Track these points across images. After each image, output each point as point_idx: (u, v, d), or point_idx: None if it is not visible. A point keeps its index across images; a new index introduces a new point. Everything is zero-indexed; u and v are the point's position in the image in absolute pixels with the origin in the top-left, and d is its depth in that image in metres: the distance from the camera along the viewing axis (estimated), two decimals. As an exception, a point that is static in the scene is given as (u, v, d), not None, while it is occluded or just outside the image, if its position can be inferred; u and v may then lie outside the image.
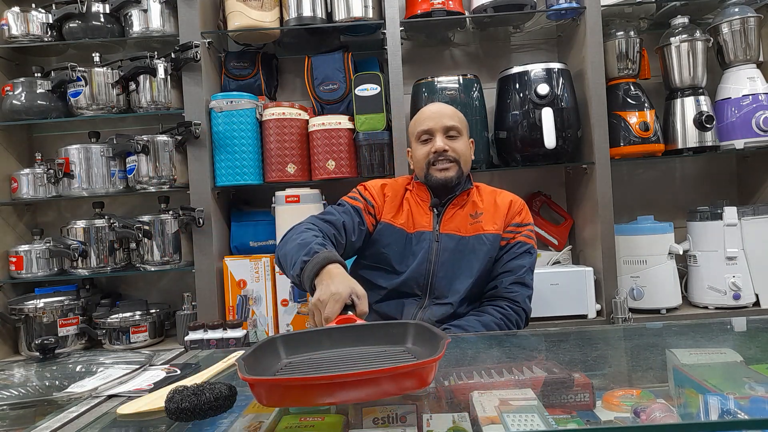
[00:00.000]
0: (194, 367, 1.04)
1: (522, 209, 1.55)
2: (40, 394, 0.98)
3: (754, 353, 1.05)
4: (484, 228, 1.49)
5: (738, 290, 2.01)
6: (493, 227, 1.49)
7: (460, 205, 1.52)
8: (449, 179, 1.48)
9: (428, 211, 1.52)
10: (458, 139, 1.51)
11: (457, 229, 1.49)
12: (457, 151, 1.49)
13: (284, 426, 0.73)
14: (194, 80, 2.08)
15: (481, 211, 1.51)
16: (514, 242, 1.49)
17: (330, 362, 0.85)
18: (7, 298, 2.16)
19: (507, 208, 1.53)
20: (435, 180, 1.49)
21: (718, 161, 2.40)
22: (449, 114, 1.52)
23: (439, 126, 1.49)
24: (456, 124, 1.50)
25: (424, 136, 1.51)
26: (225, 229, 2.22)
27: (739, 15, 2.11)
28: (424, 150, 1.50)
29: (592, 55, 2.06)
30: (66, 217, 2.37)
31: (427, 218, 1.51)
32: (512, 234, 1.50)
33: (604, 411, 0.78)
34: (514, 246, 1.49)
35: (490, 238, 1.48)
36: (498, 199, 1.55)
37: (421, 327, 0.88)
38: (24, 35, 2.16)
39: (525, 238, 1.51)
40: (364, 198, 1.55)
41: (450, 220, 1.50)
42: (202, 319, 1.95)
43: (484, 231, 1.48)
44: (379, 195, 1.56)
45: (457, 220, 1.50)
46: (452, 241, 1.48)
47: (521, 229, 1.51)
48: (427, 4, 2.07)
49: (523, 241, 1.50)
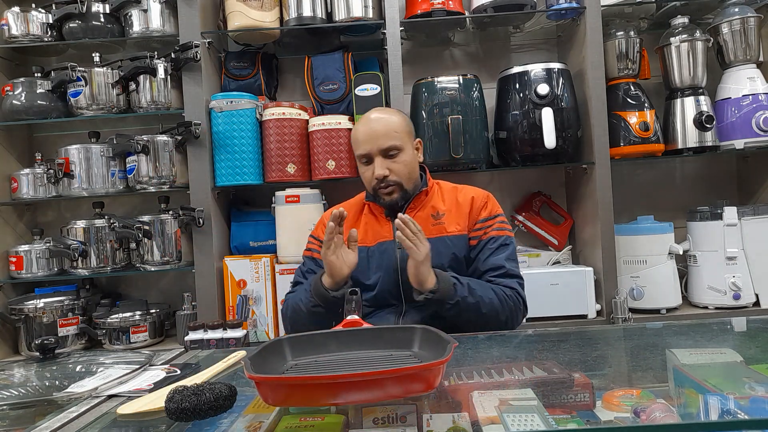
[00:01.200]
0: (194, 367, 1.04)
1: (486, 202, 1.49)
2: (40, 394, 0.98)
3: (754, 353, 1.05)
4: (447, 229, 1.44)
5: (738, 290, 2.01)
6: (457, 228, 1.45)
7: (419, 208, 1.48)
8: (395, 201, 1.44)
9: (387, 220, 1.48)
10: (398, 157, 1.43)
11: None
12: (399, 173, 1.42)
13: (284, 426, 0.73)
14: (194, 80, 2.08)
15: (443, 212, 1.47)
16: (486, 238, 1.44)
17: (336, 365, 0.85)
18: (7, 298, 2.16)
19: (469, 205, 1.47)
20: (383, 203, 1.46)
21: (718, 161, 2.40)
22: (384, 131, 1.42)
23: (376, 149, 1.41)
24: (393, 143, 1.41)
25: (363, 158, 1.45)
26: (225, 229, 2.22)
27: (739, 15, 2.11)
28: (367, 174, 1.45)
29: (592, 55, 2.06)
30: (66, 217, 2.37)
31: (388, 227, 1.47)
32: (482, 231, 1.45)
33: (604, 411, 0.78)
34: (488, 242, 1.44)
35: (453, 239, 1.43)
36: (459, 196, 1.50)
37: (427, 331, 0.88)
38: (24, 35, 2.16)
39: (497, 231, 1.45)
40: (318, 240, 1.53)
41: None
42: (202, 319, 1.95)
43: (447, 233, 1.44)
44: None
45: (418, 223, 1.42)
46: None
47: (490, 222, 1.46)
48: (427, 4, 2.07)
49: (495, 236, 1.44)
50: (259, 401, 0.81)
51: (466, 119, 2.04)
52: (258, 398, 0.82)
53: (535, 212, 2.34)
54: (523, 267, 2.17)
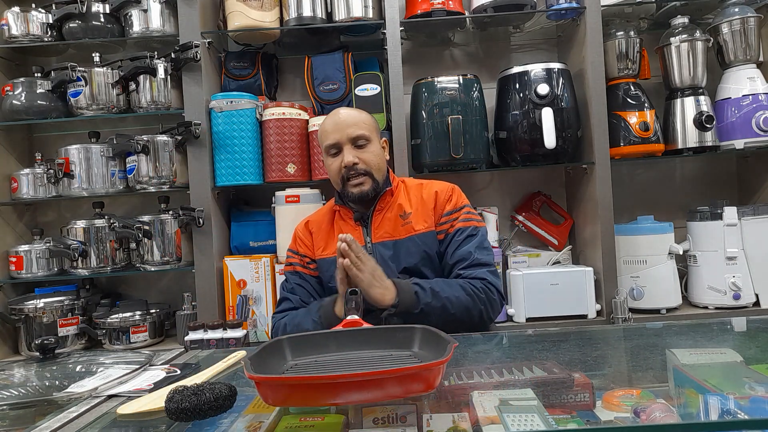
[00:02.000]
0: (194, 367, 1.04)
1: (451, 195, 1.48)
2: (40, 394, 0.98)
3: (754, 353, 1.05)
4: (414, 228, 1.44)
5: (738, 290, 2.00)
6: (424, 225, 1.44)
7: (386, 209, 1.47)
8: (365, 193, 1.43)
9: (356, 226, 1.48)
10: (367, 147, 1.44)
11: (389, 234, 1.45)
12: (368, 162, 1.43)
13: (284, 426, 0.73)
14: (194, 80, 2.08)
15: (410, 211, 1.46)
16: (453, 231, 1.44)
17: (336, 365, 0.85)
18: (7, 298, 2.16)
19: (433, 200, 1.47)
20: (352, 195, 1.44)
21: (718, 161, 2.40)
22: (353, 122, 1.44)
23: (345, 137, 1.43)
24: (363, 132, 1.43)
25: (332, 150, 1.45)
26: (225, 229, 2.22)
27: (739, 15, 2.11)
28: (335, 165, 1.45)
29: (592, 55, 2.06)
30: (66, 217, 2.37)
31: (357, 233, 1.46)
32: (448, 224, 1.45)
33: (604, 411, 0.78)
34: (455, 234, 1.43)
35: (421, 237, 1.43)
36: (424, 193, 1.49)
37: (427, 331, 0.88)
38: (24, 35, 2.16)
39: (463, 222, 1.44)
40: (296, 253, 1.53)
41: (379, 227, 1.46)
42: (202, 319, 1.95)
43: (415, 231, 1.44)
44: (306, 237, 1.54)
45: (387, 224, 1.46)
46: (387, 248, 1.44)
47: (455, 215, 1.45)
48: (427, 4, 2.07)
49: (461, 227, 1.44)
50: (259, 401, 0.81)
51: (466, 119, 2.04)
52: (258, 398, 0.82)
53: (535, 212, 2.34)
54: (523, 267, 2.18)
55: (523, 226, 2.33)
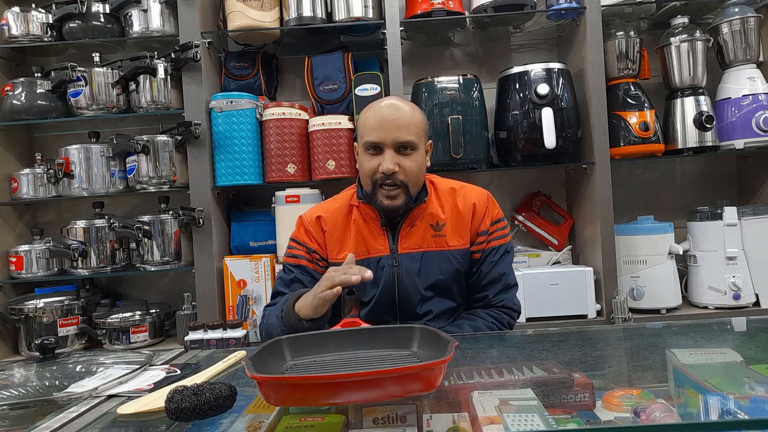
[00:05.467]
0: (194, 367, 1.04)
1: (487, 208, 1.37)
2: (40, 394, 0.98)
3: (754, 353, 1.05)
4: (448, 243, 1.33)
5: (738, 290, 2.00)
6: (459, 242, 1.34)
7: (417, 217, 1.35)
8: (396, 208, 1.29)
9: (381, 232, 1.34)
10: (412, 156, 1.28)
11: (417, 245, 1.33)
12: (408, 173, 1.27)
13: (284, 426, 0.73)
14: (194, 80, 2.08)
15: (443, 222, 1.35)
16: (489, 249, 1.35)
17: (336, 365, 0.85)
18: (7, 298, 2.16)
19: (470, 215, 1.35)
20: (380, 206, 1.30)
21: (718, 161, 2.40)
22: (404, 124, 1.26)
23: (391, 140, 1.26)
24: (411, 139, 1.26)
25: (372, 148, 1.28)
26: (225, 229, 2.22)
27: (739, 15, 2.11)
28: (371, 165, 1.28)
29: (592, 55, 2.06)
30: (66, 217, 2.37)
31: (382, 240, 1.34)
32: (484, 242, 1.36)
33: (604, 411, 0.78)
34: (490, 254, 1.35)
35: (455, 255, 1.33)
36: (459, 202, 1.37)
37: (427, 331, 0.88)
38: (24, 35, 2.16)
39: (499, 240, 1.37)
40: (303, 245, 1.39)
41: (407, 237, 1.34)
42: (202, 319, 1.95)
43: (449, 247, 1.33)
44: (318, 234, 1.39)
45: (417, 234, 1.34)
46: (414, 261, 1.32)
47: (492, 231, 1.37)
48: (427, 4, 2.07)
49: (497, 245, 1.36)
50: (259, 401, 0.82)
51: (466, 119, 2.04)
52: (258, 398, 0.82)
53: (535, 212, 2.34)
54: (523, 267, 2.18)
55: (523, 226, 2.33)
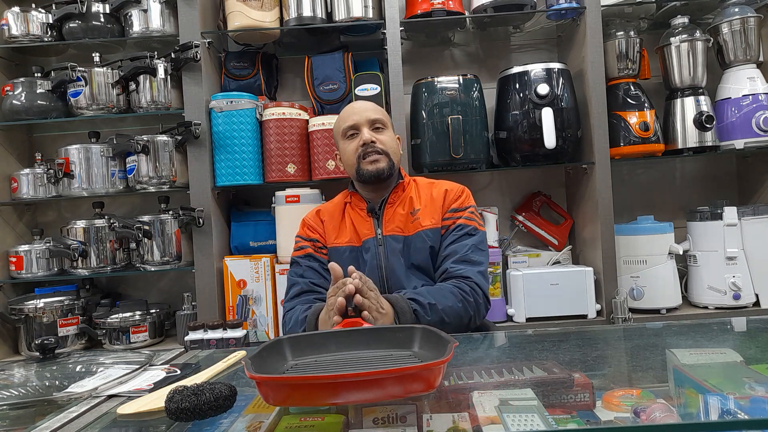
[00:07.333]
0: (194, 367, 1.04)
1: (460, 195, 1.51)
2: (40, 394, 0.98)
3: (754, 353, 1.05)
4: (422, 224, 1.46)
5: (738, 290, 2.01)
6: (431, 221, 1.46)
7: (398, 203, 1.50)
8: (381, 170, 1.45)
9: (367, 217, 1.49)
10: (384, 132, 1.50)
11: (399, 229, 1.47)
12: (385, 143, 1.47)
13: (284, 426, 0.73)
14: (194, 80, 2.08)
15: (419, 207, 1.49)
16: (453, 226, 1.46)
17: (336, 365, 0.85)
18: (7, 298, 2.16)
19: (442, 198, 1.50)
20: (367, 173, 1.45)
21: (718, 161, 2.40)
22: (372, 108, 1.52)
23: (364, 119, 1.48)
24: (380, 117, 1.50)
25: (350, 132, 1.50)
26: (225, 229, 2.22)
27: (739, 15, 2.11)
28: (351, 145, 1.49)
29: (592, 55, 2.06)
30: (66, 217, 2.37)
31: (368, 224, 1.49)
32: (451, 220, 1.47)
33: (604, 411, 0.78)
34: (454, 229, 1.45)
35: (429, 234, 1.45)
36: (434, 191, 1.52)
37: (427, 331, 0.88)
38: (24, 35, 2.16)
39: (465, 220, 1.47)
40: (307, 239, 1.54)
41: (390, 220, 1.48)
42: (202, 319, 1.95)
43: (423, 227, 1.46)
44: (317, 224, 1.55)
45: (398, 219, 1.48)
46: (397, 242, 1.45)
47: (460, 213, 1.48)
48: (427, 4, 2.07)
49: (462, 224, 1.46)
50: (259, 401, 0.81)
51: (466, 119, 2.04)
52: (258, 398, 0.82)
53: (535, 212, 2.34)
54: (523, 267, 2.18)
55: (523, 226, 2.33)
